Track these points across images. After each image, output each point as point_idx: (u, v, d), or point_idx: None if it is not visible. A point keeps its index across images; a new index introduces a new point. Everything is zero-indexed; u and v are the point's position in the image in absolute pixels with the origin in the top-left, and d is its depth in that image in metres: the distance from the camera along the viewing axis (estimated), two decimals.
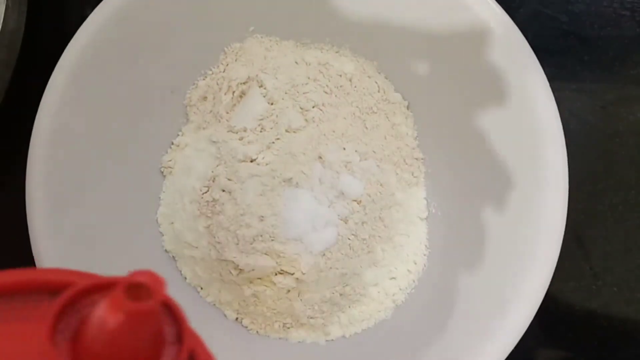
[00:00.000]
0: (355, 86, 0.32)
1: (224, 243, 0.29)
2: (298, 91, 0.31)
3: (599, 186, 0.35)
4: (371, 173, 0.31)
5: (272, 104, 0.31)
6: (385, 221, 0.31)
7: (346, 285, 0.31)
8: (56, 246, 0.28)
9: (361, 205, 0.30)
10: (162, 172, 0.33)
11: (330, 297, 0.30)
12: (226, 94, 0.32)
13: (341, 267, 0.30)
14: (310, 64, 0.32)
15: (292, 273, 0.30)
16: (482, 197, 0.30)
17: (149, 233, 0.32)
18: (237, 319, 0.31)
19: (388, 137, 0.32)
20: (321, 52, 0.33)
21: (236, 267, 0.30)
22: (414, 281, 0.32)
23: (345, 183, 0.30)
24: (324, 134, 0.31)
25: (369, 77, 0.33)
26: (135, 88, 0.31)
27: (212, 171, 0.31)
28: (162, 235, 0.32)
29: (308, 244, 0.29)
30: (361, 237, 0.30)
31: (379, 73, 0.33)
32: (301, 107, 0.31)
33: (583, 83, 0.36)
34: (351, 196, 0.30)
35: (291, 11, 0.32)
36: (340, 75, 0.32)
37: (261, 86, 0.32)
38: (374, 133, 0.32)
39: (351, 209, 0.30)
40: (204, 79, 0.33)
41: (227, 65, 0.33)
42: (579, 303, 0.34)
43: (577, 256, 0.34)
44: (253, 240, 0.29)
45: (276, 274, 0.30)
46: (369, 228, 0.31)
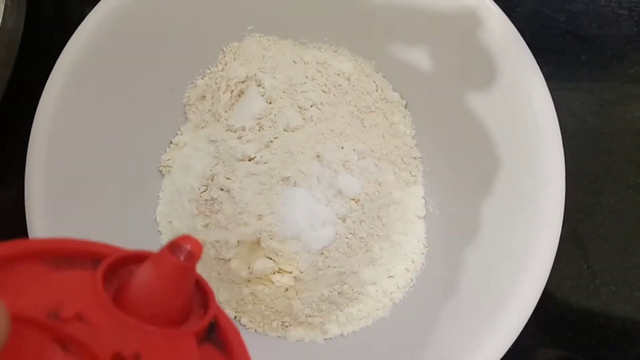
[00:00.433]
0: (353, 85, 0.32)
1: (222, 242, 0.30)
2: (296, 90, 0.31)
3: (597, 185, 0.35)
4: (369, 172, 0.31)
5: (271, 103, 0.31)
6: (383, 220, 0.31)
7: (344, 283, 0.31)
8: None
9: (359, 204, 0.30)
10: (161, 171, 0.33)
11: (328, 296, 0.30)
12: (225, 93, 0.32)
13: (339, 266, 0.30)
14: (308, 63, 0.32)
15: (290, 272, 0.30)
16: (480, 196, 0.30)
17: (148, 232, 0.32)
18: (236, 318, 0.31)
19: (386, 136, 0.33)
20: (319, 51, 0.33)
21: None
22: (412, 280, 0.32)
23: (343, 182, 0.30)
24: (322, 133, 0.31)
25: (367, 76, 0.33)
26: (133, 87, 0.31)
27: (211, 170, 0.31)
28: (161, 234, 0.32)
29: (306, 243, 0.29)
30: (359, 236, 0.30)
31: (377, 72, 0.34)
32: (299, 106, 0.31)
33: (581, 82, 0.36)
34: (349, 195, 0.30)
35: (289, 10, 0.32)
36: (338, 74, 0.32)
37: (259, 85, 0.32)
38: (372, 132, 0.32)
39: (349, 208, 0.30)
40: (203, 78, 0.33)
41: (226, 64, 0.33)
42: (577, 302, 0.34)
43: (575, 255, 0.34)
44: None
45: (274, 273, 0.30)
46: (367, 227, 0.31)
